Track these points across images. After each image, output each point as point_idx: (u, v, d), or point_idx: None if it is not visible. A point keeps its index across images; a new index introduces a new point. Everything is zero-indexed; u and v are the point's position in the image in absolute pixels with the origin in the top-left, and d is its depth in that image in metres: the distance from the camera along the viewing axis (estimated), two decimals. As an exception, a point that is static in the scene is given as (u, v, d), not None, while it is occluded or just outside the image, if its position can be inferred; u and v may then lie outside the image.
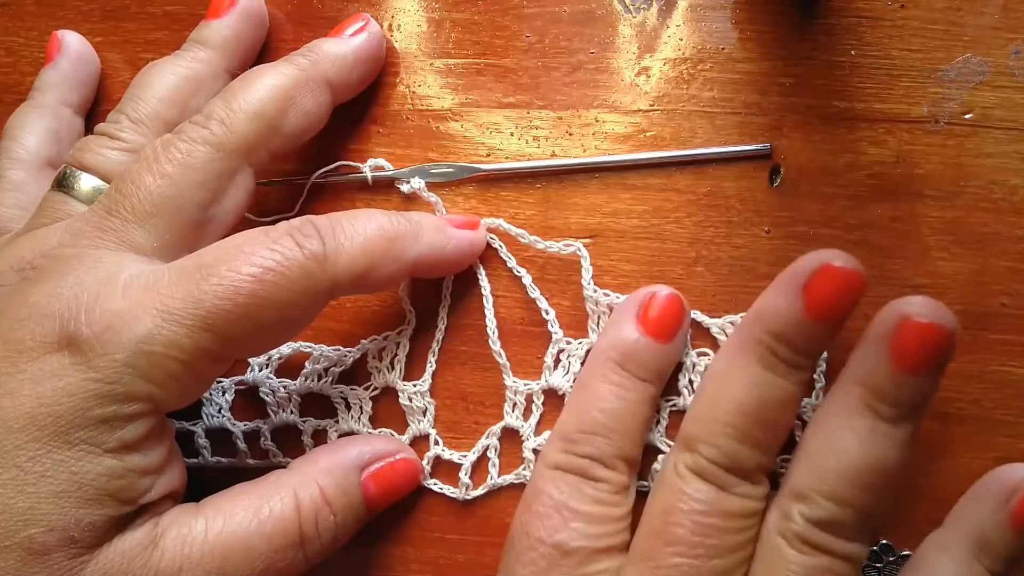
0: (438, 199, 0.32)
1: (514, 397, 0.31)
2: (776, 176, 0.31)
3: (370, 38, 0.32)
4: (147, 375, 0.24)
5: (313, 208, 0.33)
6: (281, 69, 0.30)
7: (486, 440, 0.32)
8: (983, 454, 0.30)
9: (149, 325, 0.24)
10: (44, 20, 0.35)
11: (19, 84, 0.35)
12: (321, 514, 0.28)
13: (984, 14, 0.31)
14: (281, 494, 0.27)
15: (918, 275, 0.30)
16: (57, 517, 0.24)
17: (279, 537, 0.26)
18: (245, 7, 0.32)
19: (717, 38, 0.32)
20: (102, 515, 0.24)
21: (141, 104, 0.31)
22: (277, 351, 0.32)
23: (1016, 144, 0.30)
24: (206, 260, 0.25)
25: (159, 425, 0.26)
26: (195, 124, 0.28)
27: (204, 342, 0.25)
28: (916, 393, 0.25)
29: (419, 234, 0.29)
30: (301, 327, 0.28)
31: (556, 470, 0.28)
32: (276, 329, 0.26)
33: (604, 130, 0.32)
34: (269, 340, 0.27)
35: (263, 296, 0.25)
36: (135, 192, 0.27)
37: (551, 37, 0.33)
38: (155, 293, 0.25)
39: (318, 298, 0.26)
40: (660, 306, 0.29)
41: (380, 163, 0.33)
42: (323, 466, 0.29)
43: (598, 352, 0.29)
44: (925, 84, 0.31)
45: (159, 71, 0.31)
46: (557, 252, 0.32)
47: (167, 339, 0.24)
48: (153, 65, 0.32)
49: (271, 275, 0.25)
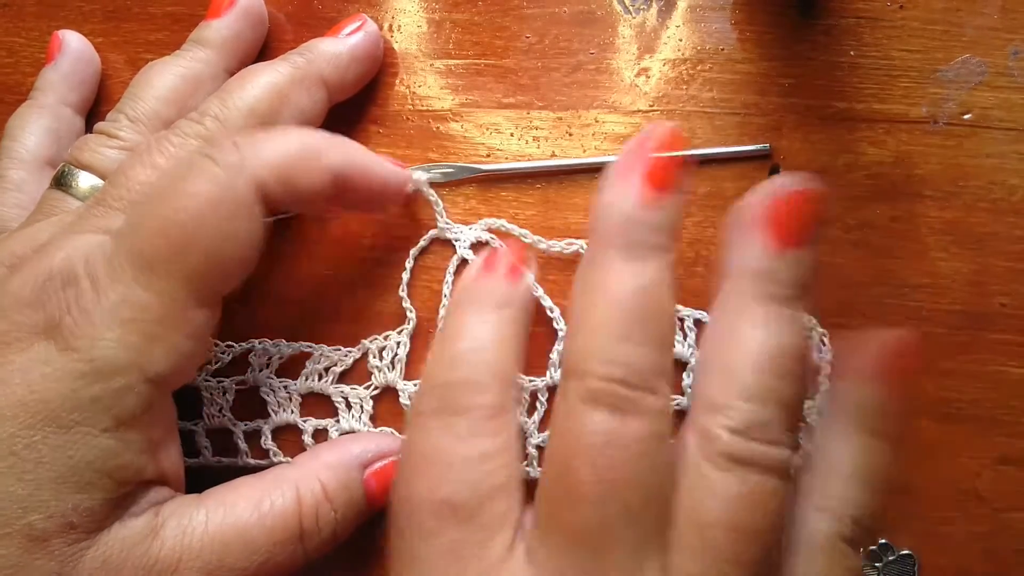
0: (438, 199, 0.32)
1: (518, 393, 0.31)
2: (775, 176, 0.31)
3: (367, 37, 0.32)
4: (124, 343, 0.24)
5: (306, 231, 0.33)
6: (276, 67, 0.30)
7: None
8: (983, 454, 0.30)
9: (114, 295, 0.24)
10: (45, 21, 0.35)
11: (20, 84, 0.35)
12: (322, 509, 0.27)
13: (983, 15, 0.31)
14: (283, 488, 0.27)
15: (917, 275, 0.31)
16: (56, 503, 0.24)
17: (279, 531, 0.26)
18: (244, 7, 0.33)
19: (717, 39, 0.32)
20: (100, 498, 0.24)
21: (140, 103, 0.31)
22: (277, 351, 0.32)
23: (1015, 144, 0.31)
24: (143, 210, 0.26)
25: (156, 400, 0.25)
26: (190, 120, 0.29)
27: (168, 291, 0.25)
28: (803, 267, 0.23)
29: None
30: (255, 245, 0.27)
31: (420, 416, 0.25)
32: (232, 252, 0.26)
33: (604, 130, 0.32)
34: (233, 268, 0.27)
35: (202, 220, 0.25)
36: (125, 183, 0.27)
37: (551, 38, 0.33)
38: (112, 261, 0.25)
39: (248, 206, 0.26)
40: (497, 253, 0.28)
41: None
42: (325, 461, 0.29)
43: (454, 304, 0.27)
44: (924, 84, 0.31)
45: (158, 71, 0.31)
46: (560, 251, 0.32)
47: (134, 301, 0.24)
48: (152, 65, 0.32)
49: (202, 199, 0.25)
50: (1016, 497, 0.30)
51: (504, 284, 0.27)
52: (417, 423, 0.25)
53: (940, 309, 0.30)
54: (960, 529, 0.30)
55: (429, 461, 0.24)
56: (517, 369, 0.26)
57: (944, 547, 0.30)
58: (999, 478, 0.30)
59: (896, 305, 0.31)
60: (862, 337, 0.27)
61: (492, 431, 0.24)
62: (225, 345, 0.33)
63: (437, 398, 0.25)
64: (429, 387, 0.26)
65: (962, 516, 0.30)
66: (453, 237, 0.32)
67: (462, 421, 0.24)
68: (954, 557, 0.30)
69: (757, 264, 0.24)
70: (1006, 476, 0.30)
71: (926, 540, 0.30)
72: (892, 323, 0.30)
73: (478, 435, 0.24)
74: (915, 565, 0.30)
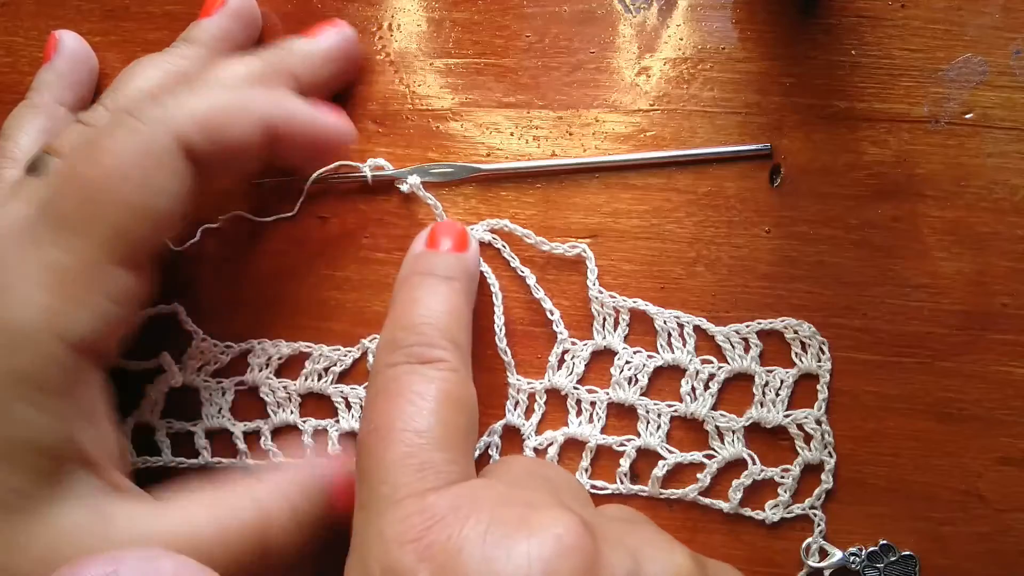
0: (437, 202, 0.32)
1: (516, 395, 0.31)
2: (776, 176, 0.31)
3: (340, 37, 0.32)
4: (40, 305, 0.24)
5: (314, 208, 0.33)
6: (247, 61, 0.30)
7: (487, 438, 0.32)
8: (983, 454, 0.30)
9: (33, 261, 0.24)
10: (43, 20, 0.35)
11: (18, 84, 0.35)
12: (288, 527, 0.27)
13: (985, 14, 0.31)
14: (247, 505, 0.27)
15: (919, 275, 0.30)
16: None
17: (240, 548, 0.26)
18: (234, 7, 0.33)
19: (717, 38, 0.32)
20: (26, 476, 0.24)
21: (120, 96, 0.30)
22: (277, 351, 0.32)
23: (1017, 144, 0.30)
24: (66, 172, 0.26)
25: (82, 372, 0.25)
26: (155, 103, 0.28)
27: (85, 249, 0.25)
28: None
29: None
30: (180, 200, 0.27)
31: (389, 366, 0.26)
32: (154, 206, 0.26)
33: (604, 130, 0.32)
34: (156, 224, 0.26)
35: (122, 174, 0.25)
36: (64, 154, 0.27)
37: (551, 37, 0.33)
38: (34, 228, 0.25)
39: (171, 159, 0.26)
40: (442, 227, 0.30)
41: (380, 163, 0.32)
42: (292, 479, 0.28)
43: (400, 280, 0.29)
44: (926, 84, 0.31)
45: (144, 66, 0.31)
46: (562, 253, 0.32)
47: (50, 262, 0.24)
48: (139, 60, 0.32)
49: (122, 153, 0.25)
50: (1018, 498, 0.30)
51: (451, 257, 0.29)
52: (385, 372, 0.26)
53: (941, 309, 0.30)
54: (962, 530, 0.30)
55: (407, 400, 0.25)
56: (466, 335, 0.28)
57: (946, 548, 0.30)
58: (1001, 479, 0.30)
59: (897, 305, 0.30)
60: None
61: (457, 379, 0.26)
62: (224, 345, 0.32)
63: (404, 354, 0.26)
64: (392, 347, 0.26)
65: (964, 517, 0.30)
66: None
67: (430, 368, 0.26)
68: (956, 558, 0.30)
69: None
70: (1008, 477, 0.30)
71: (928, 541, 0.30)
72: (893, 323, 0.30)
73: (445, 380, 0.25)
74: (916, 566, 0.30)
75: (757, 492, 0.31)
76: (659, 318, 0.31)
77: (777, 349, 0.31)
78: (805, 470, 0.31)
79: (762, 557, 0.31)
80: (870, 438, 0.30)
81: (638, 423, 0.31)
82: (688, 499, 0.31)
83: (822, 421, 0.30)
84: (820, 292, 0.31)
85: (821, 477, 0.30)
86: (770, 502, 0.31)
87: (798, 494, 0.31)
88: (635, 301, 0.31)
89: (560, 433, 0.31)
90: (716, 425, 0.31)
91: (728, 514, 0.31)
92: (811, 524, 0.30)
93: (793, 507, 0.30)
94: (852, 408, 0.31)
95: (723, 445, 0.31)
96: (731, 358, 0.31)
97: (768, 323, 0.31)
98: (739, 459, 0.31)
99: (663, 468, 0.30)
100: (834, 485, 0.30)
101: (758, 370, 0.31)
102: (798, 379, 0.31)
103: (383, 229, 0.33)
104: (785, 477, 0.31)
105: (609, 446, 0.31)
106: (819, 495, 0.30)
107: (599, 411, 0.31)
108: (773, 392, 0.31)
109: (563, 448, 0.31)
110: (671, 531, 0.30)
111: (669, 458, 0.31)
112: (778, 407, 0.31)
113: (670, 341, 0.31)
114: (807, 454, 0.30)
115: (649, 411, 0.31)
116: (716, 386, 0.31)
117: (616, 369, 0.31)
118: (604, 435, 0.31)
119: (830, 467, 0.30)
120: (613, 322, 0.31)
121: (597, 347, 0.31)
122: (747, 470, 0.31)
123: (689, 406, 0.31)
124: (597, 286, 0.31)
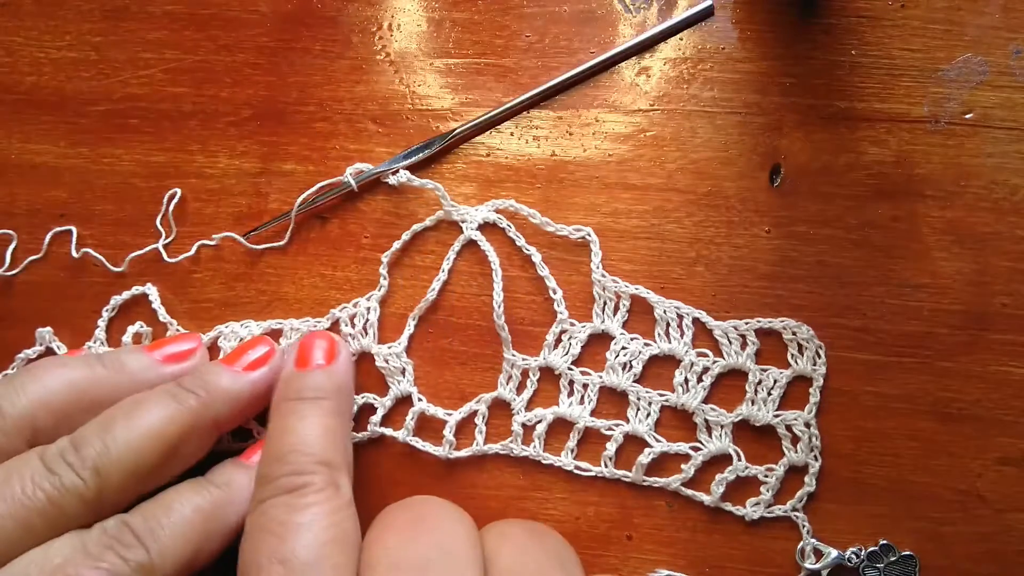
0: (437, 185, 0.32)
1: (510, 370, 0.31)
2: (776, 176, 0.31)
3: (270, 372, 0.30)
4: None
5: (314, 208, 0.33)
6: (169, 411, 0.28)
7: (475, 405, 0.32)
8: (983, 454, 0.30)
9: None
10: (43, 20, 0.35)
11: (18, 84, 0.35)
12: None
13: (984, 14, 0.31)
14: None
15: (918, 275, 0.30)
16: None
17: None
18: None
19: (717, 38, 0.32)
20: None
21: (93, 436, 0.27)
22: (248, 331, 0.32)
23: (1017, 144, 0.30)
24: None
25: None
26: (70, 466, 0.26)
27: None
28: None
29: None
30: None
31: (262, 502, 0.26)
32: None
33: (604, 130, 0.32)
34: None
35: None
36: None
37: (551, 37, 0.33)
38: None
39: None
40: (307, 344, 0.30)
41: (360, 167, 0.32)
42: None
43: (272, 409, 0.29)
44: (926, 84, 0.31)
45: (138, 414, 0.28)
46: (567, 235, 0.32)
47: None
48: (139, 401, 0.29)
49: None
50: (1017, 498, 0.30)
51: (318, 375, 0.29)
52: (256, 509, 0.26)
53: (941, 309, 0.30)
54: (961, 530, 0.30)
55: (272, 533, 0.25)
56: (343, 452, 0.28)
57: (945, 548, 0.30)
58: (1000, 479, 0.30)
59: (897, 305, 0.30)
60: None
61: (324, 499, 0.26)
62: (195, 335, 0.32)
63: (272, 488, 0.26)
64: (264, 482, 0.27)
65: (963, 517, 0.30)
66: (459, 218, 0.32)
67: (297, 497, 0.26)
68: (955, 558, 0.30)
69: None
70: (1007, 477, 0.30)
71: (927, 541, 0.30)
72: (893, 323, 0.30)
73: (314, 504, 0.26)
74: (916, 566, 0.30)
75: (741, 489, 0.31)
76: (659, 307, 0.31)
77: (774, 349, 0.31)
78: (795, 472, 0.31)
79: (762, 558, 0.31)
80: (869, 438, 0.30)
81: (628, 409, 0.31)
82: (670, 488, 0.31)
83: (811, 424, 0.30)
84: (820, 292, 0.31)
85: (804, 480, 0.30)
86: (751, 500, 0.31)
87: (786, 495, 0.31)
88: (637, 288, 0.31)
89: (550, 411, 0.31)
90: (705, 418, 0.31)
91: (732, 516, 0.31)
92: (812, 525, 0.30)
93: (775, 508, 0.31)
94: (852, 408, 0.31)
95: (710, 439, 0.31)
96: (727, 353, 0.31)
97: (767, 322, 0.31)
98: (725, 454, 0.31)
99: (648, 456, 0.31)
100: (834, 485, 0.30)
101: (752, 368, 0.31)
102: (793, 381, 0.31)
103: (383, 229, 0.33)
104: (769, 476, 0.31)
105: (597, 429, 0.31)
106: (801, 497, 0.30)
107: (591, 393, 0.31)
108: (765, 391, 0.31)
109: (551, 427, 0.31)
110: (671, 530, 0.31)
111: (656, 447, 0.31)
112: (769, 406, 0.31)
113: (668, 331, 0.31)
114: (793, 455, 0.30)
115: (640, 398, 0.31)
116: (709, 380, 0.31)
117: (611, 354, 0.31)
118: (593, 418, 0.31)
119: (814, 470, 0.30)
120: (613, 307, 0.31)
121: (595, 330, 0.31)
122: (731, 465, 0.31)
123: (680, 397, 0.31)
124: (600, 269, 0.31)
